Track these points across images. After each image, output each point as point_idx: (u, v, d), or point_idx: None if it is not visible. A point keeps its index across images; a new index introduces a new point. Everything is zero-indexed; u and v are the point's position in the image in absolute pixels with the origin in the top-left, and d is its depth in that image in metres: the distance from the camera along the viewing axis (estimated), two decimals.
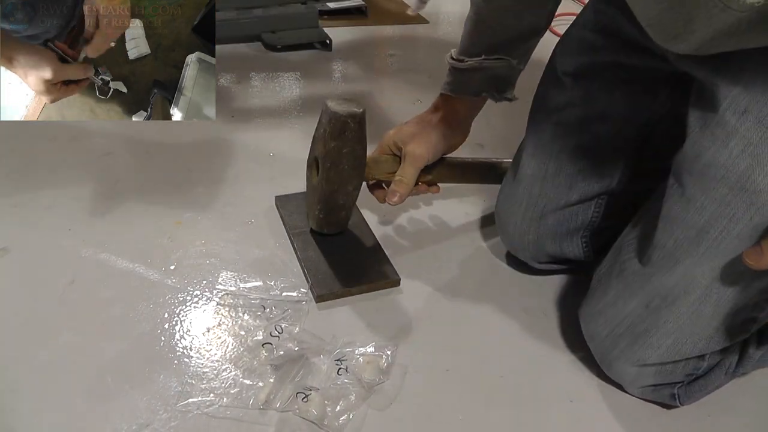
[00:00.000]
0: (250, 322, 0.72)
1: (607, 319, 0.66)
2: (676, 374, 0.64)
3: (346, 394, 0.64)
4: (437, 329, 0.74)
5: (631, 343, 0.64)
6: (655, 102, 0.74)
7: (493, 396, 0.67)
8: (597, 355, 0.68)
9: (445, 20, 1.68)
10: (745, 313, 0.60)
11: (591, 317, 0.69)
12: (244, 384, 0.65)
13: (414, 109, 1.19)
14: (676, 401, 0.65)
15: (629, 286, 0.64)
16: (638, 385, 0.66)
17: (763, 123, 0.54)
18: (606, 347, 0.67)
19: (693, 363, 0.63)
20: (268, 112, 1.15)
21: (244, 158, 1.01)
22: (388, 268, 0.80)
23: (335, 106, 0.74)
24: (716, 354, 0.64)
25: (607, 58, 0.72)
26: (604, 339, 0.66)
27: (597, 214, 0.78)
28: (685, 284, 0.60)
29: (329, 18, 1.58)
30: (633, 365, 0.64)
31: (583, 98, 0.75)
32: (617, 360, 0.66)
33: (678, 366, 0.63)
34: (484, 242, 0.88)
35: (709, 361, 0.64)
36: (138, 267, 0.79)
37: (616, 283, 0.66)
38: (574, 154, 0.75)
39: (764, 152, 0.54)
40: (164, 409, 0.62)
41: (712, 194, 0.57)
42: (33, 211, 0.87)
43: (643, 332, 0.63)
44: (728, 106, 0.56)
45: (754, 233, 0.55)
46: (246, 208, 0.90)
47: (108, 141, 1.02)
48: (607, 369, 0.67)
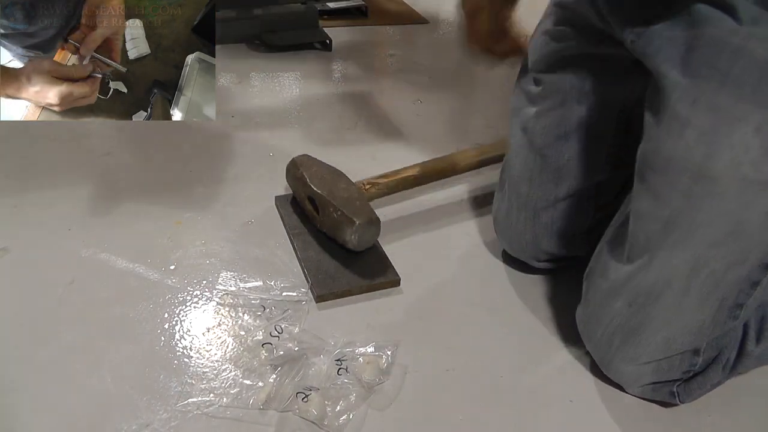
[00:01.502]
0: (250, 322, 0.72)
1: (599, 320, 0.66)
2: (674, 371, 0.64)
3: (346, 394, 0.64)
4: (437, 329, 0.74)
5: (624, 342, 0.64)
6: (626, 89, 0.74)
7: (493, 396, 0.66)
8: (595, 356, 0.68)
9: (445, 20, 1.68)
10: (730, 300, 0.61)
11: (585, 319, 0.69)
12: (244, 384, 0.65)
13: (414, 109, 1.19)
14: (675, 399, 0.65)
15: (612, 286, 0.65)
16: (637, 384, 0.66)
17: (714, 111, 0.55)
18: (602, 348, 0.67)
19: (688, 358, 0.64)
20: (268, 112, 1.15)
21: (244, 158, 1.01)
22: (388, 268, 0.80)
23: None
24: (712, 348, 0.64)
25: (575, 50, 0.73)
26: (599, 340, 0.67)
27: (590, 209, 0.78)
28: (664, 279, 0.60)
29: (329, 18, 1.58)
30: (629, 364, 0.65)
31: (556, 92, 0.75)
32: (613, 360, 0.66)
33: (674, 362, 0.64)
34: (484, 242, 0.88)
35: (705, 356, 0.64)
36: (138, 267, 0.79)
37: (600, 282, 0.67)
38: (555, 149, 0.76)
39: (719, 139, 0.55)
40: (164, 409, 0.62)
41: (674, 186, 0.58)
42: (33, 211, 0.87)
43: (633, 330, 0.64)
44: (679, 97, 0.57)
45: (719, 219, 0.56)
46: (246, 208, 0.90)
47: (108, 141, 1.02)
48: (606, 370, 0.68)
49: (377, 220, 0.79)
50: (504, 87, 1.27)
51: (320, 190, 0.81)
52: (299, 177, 0.84)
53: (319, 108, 1.19)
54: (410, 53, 1.48)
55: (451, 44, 1.50)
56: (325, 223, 0.81)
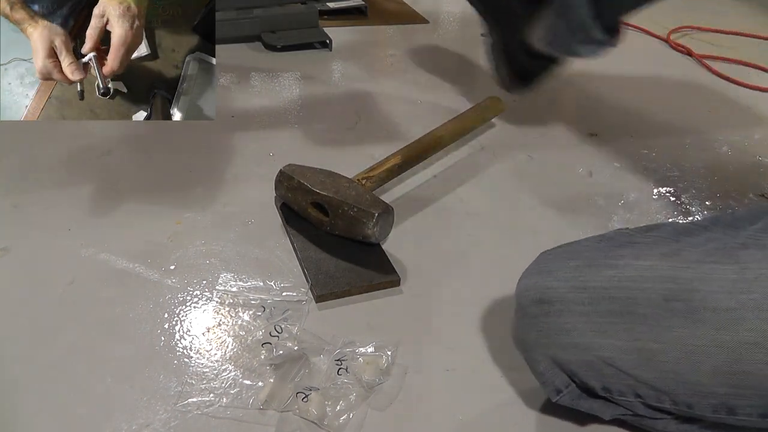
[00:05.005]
0: (250, 322, 0.72)
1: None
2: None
3: (346, 394, 0.64)
4: (437, 329, 0.74)
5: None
6: None
7: (493, 396, 0.66)
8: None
9: (445, 20, 1.68)
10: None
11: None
12: (244, 384, 0.65)
13: (414, 109, 1.19)
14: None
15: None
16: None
17: None
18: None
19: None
20: (268, 112, 1.15)
21: (244, 158, 1.01)
22: (388, 268, 0.80)
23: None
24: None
25: None
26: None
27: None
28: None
29: (329, 18, 1.58)
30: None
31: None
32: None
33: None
34: (484, 242, 0.88)
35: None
36: (138, 267, 0.79)
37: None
38: None
39: None
40: (164, 409, 0.62)
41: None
42: (33, 211, 0.87)
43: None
44: None
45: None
46: (246, 208, 0.90)
47: (108, 141, 1.02)
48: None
49: (391, 209, 0.81)
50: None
51: (328, 193, 0.81)
52: (296, 186, 0.84)
53: (319, 108, 1.19)
54: (410, 53, 1.48)
55: (451, 44, 1.50)
56: (338, 224, 0.81)
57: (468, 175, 1.00)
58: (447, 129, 0.99)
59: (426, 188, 0.97)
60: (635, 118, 1.14)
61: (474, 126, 1.03)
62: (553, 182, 1.01)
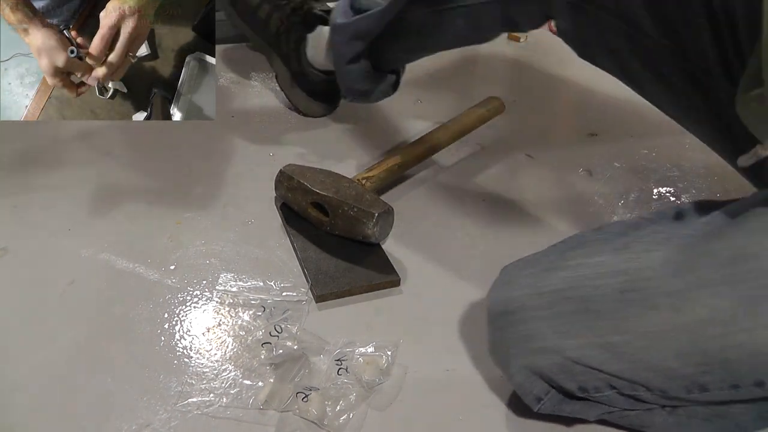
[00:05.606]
0: (250, 322, 0.72)
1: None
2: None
3: (346, 394, 0.64)
4: (437, 329, 0.74)
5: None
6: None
7: (493, 396, 0.66)
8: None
9: None
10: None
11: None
12: (243, 384, 0.65)
13: (414, 109, 1.19)
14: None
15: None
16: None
17: None
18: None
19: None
20: (268, 112, 1.15)
21: (244, 158, 1.01)
22: (388, 268, 0.80)
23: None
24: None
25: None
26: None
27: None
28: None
29: None
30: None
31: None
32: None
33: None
34: (484, 242, 0.88)
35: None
36: (138, 267, 0.79)
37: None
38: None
39: None
40: (164, 409, 0.62)
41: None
42: (33, 211, 0.87)
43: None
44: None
45: None
46: (246, 208, 0.90)
47: (108, 141, 1.02)
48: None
49: (391, 209, 0.81)
50: (503, 87, 1.27)
51: (328, 193, 0.81)
52: (296, 186, 0.84)
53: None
54: None
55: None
56: (337, 224, 0.81)
57: (468, 175, 1.00)
58: (447, 129, 0.99)
59: (426, 188, 0.97)
60: (635, 118, 1.14)
61: (474, 126, 1.03)
62: (552, 182, 1.01)
